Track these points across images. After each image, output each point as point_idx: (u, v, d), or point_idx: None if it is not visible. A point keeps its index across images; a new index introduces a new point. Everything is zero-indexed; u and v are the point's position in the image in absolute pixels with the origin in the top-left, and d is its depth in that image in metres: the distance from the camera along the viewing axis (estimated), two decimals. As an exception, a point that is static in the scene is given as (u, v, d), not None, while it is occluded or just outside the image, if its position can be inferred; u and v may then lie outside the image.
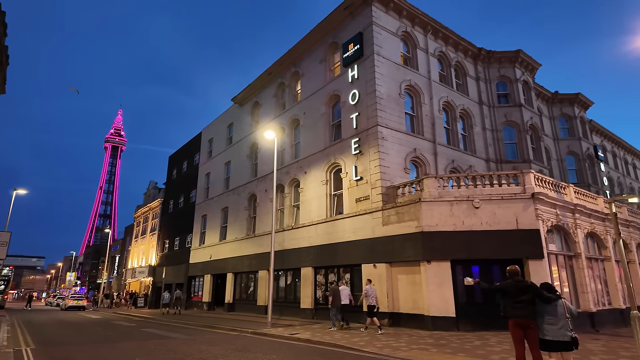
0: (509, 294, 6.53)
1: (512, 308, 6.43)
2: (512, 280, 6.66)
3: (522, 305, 6.34)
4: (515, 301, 6.41)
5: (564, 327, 6.06)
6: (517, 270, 6.74)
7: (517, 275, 6.69)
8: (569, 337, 6.01)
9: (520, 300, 6.37)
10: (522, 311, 6.33)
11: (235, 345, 11.54)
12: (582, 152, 28.90)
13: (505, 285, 6.65)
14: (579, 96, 29.91)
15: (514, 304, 6.42)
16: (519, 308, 6.36)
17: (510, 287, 6.55)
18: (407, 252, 14.87)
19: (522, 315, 6.32)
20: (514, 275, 6.69)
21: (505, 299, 6.57)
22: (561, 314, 6.12)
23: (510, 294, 6.50)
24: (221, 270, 27.84)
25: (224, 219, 29.63)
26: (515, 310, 6.38)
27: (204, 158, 35.34)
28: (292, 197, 22.72)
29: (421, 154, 18.75)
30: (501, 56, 24.27)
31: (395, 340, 11.60)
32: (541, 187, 15.08)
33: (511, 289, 6.52)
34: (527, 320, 6.30)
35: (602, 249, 17.47)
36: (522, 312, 6.33)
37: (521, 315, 6.32)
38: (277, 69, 25.66)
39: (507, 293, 6.56)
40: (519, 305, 6.36)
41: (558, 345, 6.06)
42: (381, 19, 19.42)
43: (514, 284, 6.60)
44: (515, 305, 6.40)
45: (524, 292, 6.42)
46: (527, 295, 6.39)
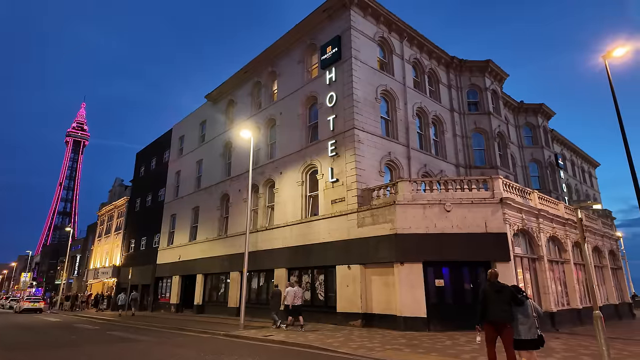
0: (487, 298, 6.80)
1: (490, 310, 6.69)
2: (489, 284, 6.97)
3: (499, 307, 6.61)
4: (493, 304, 6.68)
5: (533, 326, 6.44)
6: (497, 274, 7.08)
7: (495, 278, 7.01)
8: (537, 335, 6.38)
9: (497, 302, 6.64)
10: (499, 313, 6.59)
11: (208, 348, 11.30)
12: (545, 159, 30.42)
13: (484, 291, 6.95)
14: (542, 106, 31.48)
15: (491, 306, 6.69)
16: (496, 310, 6.63)
17: (488, 292, 6.84)
18: (381, 254, 15.12)
19: (499, 317, 6.58)
20: (493, 278, 7.03)
21: (482, 303, 6.85)
22: (530, 314, 6.47)
23: (489, 298, 6.77)
24: (190, 271, 27.19)
25: (195, 218, 28.97)
26: (493, 312, 6.64)
27: (175, 155, 34.42)
28: (266, 198, 22.54)
29: (395, 157, 19.12)
30: (472, 65, 25.17)
31: (369, 340, 11.75)
32: (509, 192, 15.75)
33: (489, 293, 6.81)
34: (504, 321, 6.57)
35: (562, 252, 18.45)
36: (500, 314, 6.59)
37: (499, 317, 6.59)
38: (253, 67, 25.42)
39: (486, 297, 6.83)
40: (496, 308, 6.63)
41: (529, 344, 6.40)
42: (359, 23, 19.67)
43: (489, 288, 6.91)
44: (493, 308, 6.66)
45: (500, 295, 6.71)
46: (503, 297, 6.67)
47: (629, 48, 14.04)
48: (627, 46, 14.02)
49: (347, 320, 15.65)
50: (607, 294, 21.98)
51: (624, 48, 14.03)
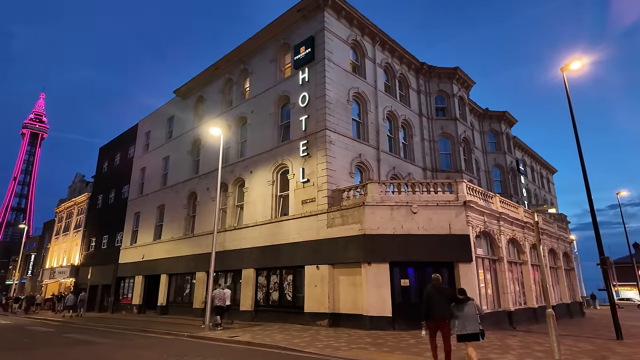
0: (430, 298, 7.94)
1: (433, 308, 7.81)
2: (432, 286, 8.16)
3: (440, 306, 7.78)
4: (435, 303, 7.82)
5: (475, 322, 7.60)
6: (439, 277, 8.37)
7: (438, 281, 8.25)
8: (478, 329, 7.57)
9: (438, 302, 7.81)
10: (440, 311, 7.75)
11: (171, 349, 11.03)
12: (507, 165, 31.80)
13: (427, 292, 8.10)
14: (505, 114, 32.90)
15: (434, 305, 7.81)
16: (438, 309, 7.77)
17: (430, 292, 8.01)
18: (349, 254, 15.30)
19: (440, 314, 7.75)
20: (435, 282, 8.25)
21: (426, 303, 7.96)
22: (472, 312, 7.64)
23: (432, 298, 7.91)
24: (154, 271, 26.40)
25: (160, 217, 28.16)
26: (434, 309, 7.78)
27: (140, 151, 33.31)
28: (235, 197, 22.25)
29: (366, 159, 19.40)
30: (441, 72, 25.95)
31: (335, 340, 11.86)
32: (472, 195, 16.35)
33: (431, 294, 7.97)
34: (442, 316, 7.74)
35: (520, 254, 19.35)
36: (440, 312, 7.74)
37: (440, 314, 7.75)
38: (225, 64, 25.03)
39: (429, 298, 7.97)
40: (438, 306, 7.78)
41: (472, 337, 7.56)
42: (333, 25, 19.81)
43: (432, 289, 8.07)
44: (435, 307, 7.79)
45: (440, 295, 7.92)
46: (442, 296, 7.89)
47: (584, 61, 14.98)
48: (583, 59, 14.96)
49: (315, 320, 15.72)
50: (561, 294, 23.27)
51: (580, 61, 14.97)
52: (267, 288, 18.74)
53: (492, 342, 11.42)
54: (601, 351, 10.35)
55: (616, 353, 10.07)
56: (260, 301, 18.88)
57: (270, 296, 18.55)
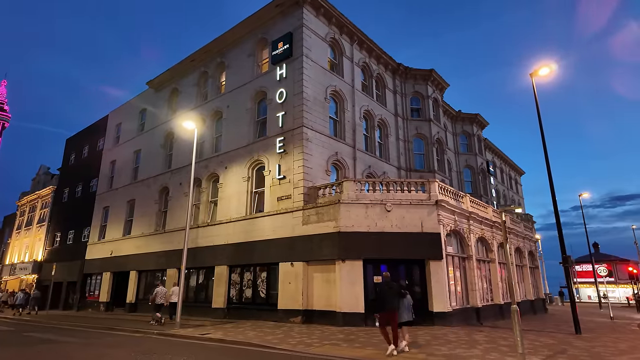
0: (383, 293, 9.28)
1: (385, 302, 9.14)
2: (384, 283, 9.56)
3: (391, 300, 9.16)
4: (388, 297, 9.16)
5: (409, 312, 9.47)
6: (388, 275, 10.02)
7: (388, 278, 9.82)
8: (412, 317, 9.51)
9: (390, 296, 9.18)
10: (391, 304, 9.14)
11: (140, 347, 10.76)
12: (477, 166, 32.77)
13: (380, 288, 9.52)
14: (477, 116, 33.87)
15: (387, 299, 9.15)
16: (389, 302, 9.14)
17: (384, 289, 9.35)
18: (324, 251, 15.38)
19: (391, 306, 9.11)
20: (387, 279, 9.77)
21: (380, 299, 9.26)
22: (408, 304, 9.48)
23: (385, 293, 9.25)
24: (123, 267, 25.65)
25: (130, 212, 27.37)
26: (387, 303, 9.12)
27: (110, 144, 32.22)
28: (209, 193, 21.90)
29: (342, 157, 19.52)
30: (417, 73, 26.39)
31: (308, 336, 11.91)
32: (444, 195, 16.76)
33: (384, 290, 9.33)
34: (394, 309, 9.12)
35: (489, 252, 20.01)
36: (391, 305, 9.13)
37: (390, 306, 9.11)
38: (201, 56, 24.53)
39: (383, 292, 9.29)
40: (389, 300, 9.15)
41: (407, 323, 9.46)
42: (312, 22, 19.77)
43: (385, 285, 9.45)
44: (388, 300, 9.15)
45: (391, 290, 9.27)
46: (392, 292, 9.25)
47: (552, 67, 15.63)
48: (551, 66, 15.60)
49: (288, 317, 15.72)
50: (525, 291, 24.25)
51: (548, 68, 15.61)
52: (240, 285, 18.57)
53: (460, 337, 11.79)
54: (561, 345, 10.88)
55: (574, 346, 10.62)
56: (233, 298, 18.70)
57: (243, 293, 18.40)
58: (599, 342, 11.58)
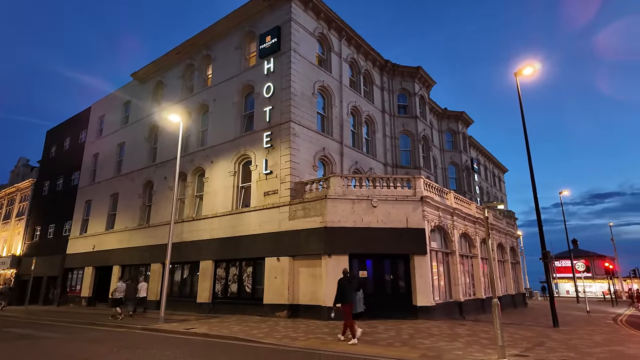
0: (343, 287, 10.19)
1: (345, 296, 10.07)
2: (344, 278, 10.42)
3: (350, 293, 10.10)
4: (348, 291, 10.10)
5: (362, 304, 10.34)
6: (347, 270, 10.98)
7: (347, 273, 10.71)
8: (363, 309, 10.31)
9: (350, 290, 10.13)
10: (350, 297, 10.04)
11: (123, 342, 10.66)
12: (462, 163, 33.25)
13: (341, 283, 10.33)
14: (463, 114, 34.30)
15: (347, 292, 10.08)
16: (349, 295, 10.06)
17: (343, 284, 10.26)
18: (310, 246, 15.44)
19: (349, 299, 10.02)
20: (346, 274, 10.64)
21: (339, 292, 10.19)
22: (360, 297, 10.31)
23: (343, 287, 10.19)
24: (106, 262, 25.27)
25: (113, 206, 26.93)
26: (347, 297, 10.06)
27: (93, 136, 31.56)
28: (195, 187, 21.69)
29: (329, 153, 19.56)
30: (404, 70, 26.56)
31: (293, 330, 11.97)
32: (429, 191, 16.98)
33: (344, 285, 10.23)
34: (351, 301, 10.03)
35: (471, 248, 20.39)
36: (349, 297, 10.04)
37: (349, 299, 10.02)
38: (187, 49, 24.17)
39: (343, 287, 10.20)
40: (349, 293, 10.08)
41: (361, 314, 10.32)
42: (300, 16, 19.67)
43: (345, 280, 10.33)
44: (348, 293, 10.07)
45: (350, 285, 10.22)
46: (351, 286, 10.19)
47: (536, 67, 15.95)
48: (535, 65, 15.91)
49: (274, 312, 15.76)
50: (507, 286, 24.82)
51: (532, 67, 15.92)
52: (225, 280, 18.51)
53: (442, 331, 12.02)
54: (539, 337, 11.21)
55: (552, 339, 10.95)
56: (218, 293, 18.62)
57: (228, 288, 18.35)
58: (575, 335, 11.97)
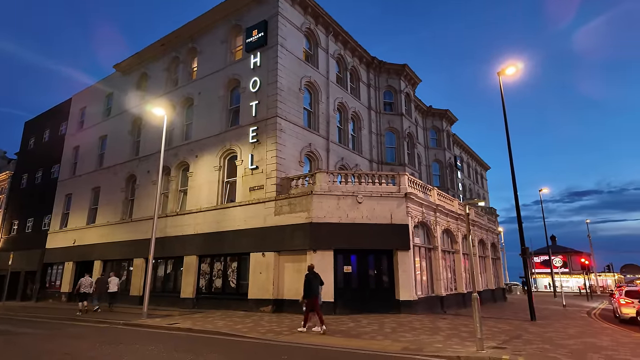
0: (310, 281, 11.07)
1: (312, 289, 10.96)
2: (310, 273, 11.35)
3: (316, 287, 11.05)
4: (312, 285, 11.02)
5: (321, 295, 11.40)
6: (313, 265, 11.89)
7: (313, 269, 11.56)
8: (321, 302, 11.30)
9: (315, 284, 11.08)
10: (315, 291, 11.02)
11: (105, 338, 10.54)
12: (445, 160, 33.76)
13: (307, 277, 11.26)
14: (447, 112, 34.77)
15: (313, 286, 11.00)
16: (315, 289, 10.99)
17: (310, 278, 11.18)
18: (296, 242, 15.51)
19: (314, 292, 10.98)
20: (311, 269, 11.51)
21: (307, 285, 11.03)
22: (321, 290, 11.43)
23: (310, 281, 11.07)
24: (87, 257, 24.83)
25: (95, 199, 26.44)
26: (312, 290, 10.94)
27: (73, 128, 30.83)
28: (179, 181, 21.47)
29: (315, 149, 19.61)
30: (390, 67, 26.73)
31: (277, 325, 12.05)
32: (413, 188, 17.23)
33: (310, 279, 11.14)
34: (316, 295, 11.02)
35: (453, 243, 20.80)
36: (315, 291, 10.99)
37: (314, 292, 10.97)
38: (172, 41, 23.78)
39: (309, 281, 11.07)
40: (315, 287, 11.00)
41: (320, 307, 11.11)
42: (287, 11, 19.58)
43: (311, 275, 11.24)
44: (314, 287, 10.98)
45: (315, 279, 11.17)
46: (316, 281, 11.17)
47: (519, 66, 16.30)
48: (517, 65, 16.26)
49: (258, 307, 15.81)
50: (487, 281, 25.42)
51: (515, 67, 16.26)
52: (210, 275, 18.44)
53: (424, 324, 12.29)
54: (517, 331, 11.58)
55: (529, 332, 11.33)
56: (202, 288, 18.55)
57: (213, 283, 18.29)
58: (551, 328, 12.40)
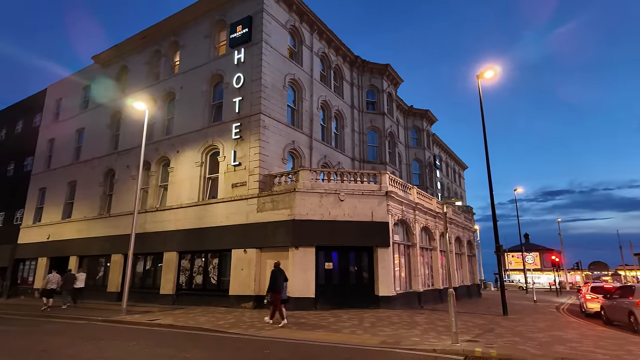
0: (276, 277, 11.83)
1: (277, 284, 11.70)
2: (277, 269, 12.08)
3: (281, 282, 11.85)
4: (278, 280, 11.76)
5: (286, 292, 12.21)
6: (279, 262, 12.54)
7: (279, 265, 12.28)
8: (287, 297, 12.23)
9: (280, 280, 11.83)
10: (280, 286, 11.80)
11: (84, 334, 10.44)
12: (425, 159, 34.45)
13: (273, 273, 11.96)
14: (427, 112, 35.45)
15: (279, 282, 11.75)
16: (280, 284, 11.78)
17: (276, 274, 11.89)
18: (278, 238, 15.64)
19: (279, 287, 11.75)
20: (277, 266, 12.22)
21: (273, 280, 11.74)
22: (286, 286, 12.21)
23: (276, 277, 11.82)
24: (62, 252, 24.23)
25: (71, 194, 25.81)
26: (278, 285, 11.71)
27: (49, 120, 29.93)
28: (159, 177, 21.21)
29: (299, 146, 19.73)
30: (373, 67, 27.06)
31: (259, 321, 12.18)
32: (393, 187, 17.61)
33: (276, 275, 11.86)
34: (280, 289, 11.77)
35: (431, 241, 21.35)
36: (280, 285, 11.78)
37: (279, 287, 11.75)
38: (153, 34, 23.38)
39: (276, 276, 11.84)
40: (280, 283, 11.80)
41: (285, 301, 12.06)
42: (272, 7, 19.56)
43: (277, 271, 11.98)
44: (279, 283, 11.77)
45: (280, 275, 11.94)
46: (281, 276, 11.95)
47: (497, 70, 16.85)
48: (495, 68, 16.81)
49: (240, 303, 15.87)
50: (463, 277, 26.19)
51: (493, 70, 16.80)
52: (190, 271, 18.36)
53: (402, 319, 12.67)
54: (490, 325, 12.09)
55: (501, 326, 11.86)
56: (182, 285, 18.45)
57: (193, 280, 18.22)
58: (522, 322, 13.00)
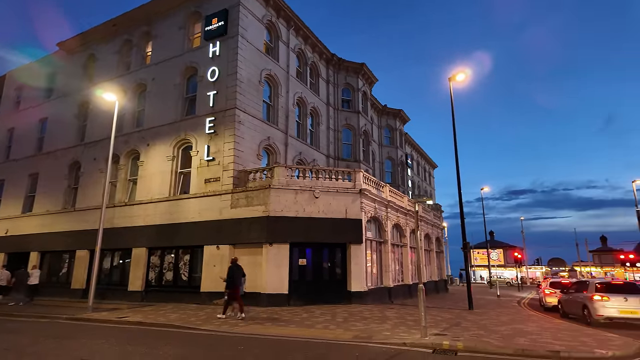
0: (232, 273, 12.12)
1: (234, 281, 12.00)
2: (234, 265, 12.39)
3: (239, 278, 12.19)
4: (236, 276, 12.08)
5: (242, 288, 12.46)
6: (237, 258, 12.93)
7: (236, 262, 12.61)
8: (243, 292, 12.52)
9: (238, 275, 12.19)
10: (238, 281, 12.11)
11: (48, 332, 10.07)
12: (397, 158, 35.15)
13: (230, 269, 12.29)
14: (400, 112, 36.14)
15: (236, 278, 12.06)
16: (238, 280, 12.10)
17: (233, 270, 12.22)
18: (252, 235, 15.59)
19: (238, 283, 12.11)
20: (235, 262, 12.56)
21: (230, 277, 12.06)
22: (244, 281, 12.52)
23: (233, 273, 12.13)
24: (22, 248, 23.11)
25: (32, 186, 24.63)
26: (235, 281, 12.02)
27: (8, 108, 28.37)
28: (128, 170, 20.60)
29: (274, 142, 19.68)
30: (349, 65, 27.30)
31: (232, 317, 12.14)
32: (367, 185, 17.91)
33: (234, 271, 12.19)
34: (238, 285, 12.11)
35: (402, 237, 21.90)
36: (237, 282, 12.08)
37: (238, 283, 12.10)
38: (125, 22, 22.57)
39: (233, 272, 12.14)
40: (238, 279, 12.11)
41: (244, 296, 12.46)
42: (249, 1, 19.34)
43: (234, 267, 12.30)
44: (237, 279, 12.07)
45: (238, 271, 12.26)
46: (239, 272, 12.27)
47: (467, 73, 17.43)
48: (466, 72, 17.39)
49: (211, 299, 15.71)
50: (431, 273, 27.02)
51: (464, 74, 17.37)
52: (160, 268, 17.99)
53: (374, 314, 12.98)
54: (457, 319, 12.61)
55: (467, 320, 12.39)
56: (152, 281, 18.06)
57: (163, 276, 17.87)
58: (486, 316, 13.62)
